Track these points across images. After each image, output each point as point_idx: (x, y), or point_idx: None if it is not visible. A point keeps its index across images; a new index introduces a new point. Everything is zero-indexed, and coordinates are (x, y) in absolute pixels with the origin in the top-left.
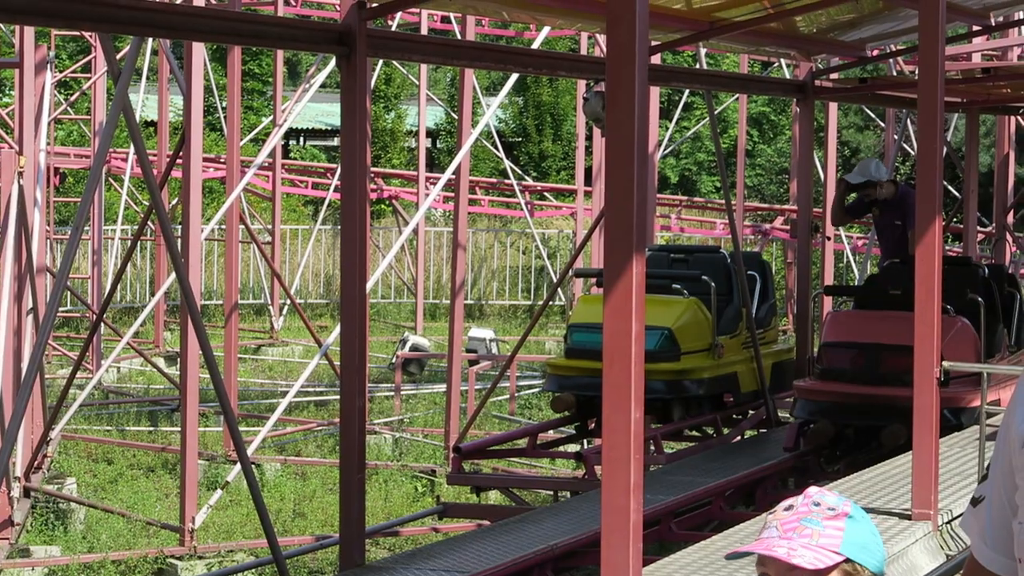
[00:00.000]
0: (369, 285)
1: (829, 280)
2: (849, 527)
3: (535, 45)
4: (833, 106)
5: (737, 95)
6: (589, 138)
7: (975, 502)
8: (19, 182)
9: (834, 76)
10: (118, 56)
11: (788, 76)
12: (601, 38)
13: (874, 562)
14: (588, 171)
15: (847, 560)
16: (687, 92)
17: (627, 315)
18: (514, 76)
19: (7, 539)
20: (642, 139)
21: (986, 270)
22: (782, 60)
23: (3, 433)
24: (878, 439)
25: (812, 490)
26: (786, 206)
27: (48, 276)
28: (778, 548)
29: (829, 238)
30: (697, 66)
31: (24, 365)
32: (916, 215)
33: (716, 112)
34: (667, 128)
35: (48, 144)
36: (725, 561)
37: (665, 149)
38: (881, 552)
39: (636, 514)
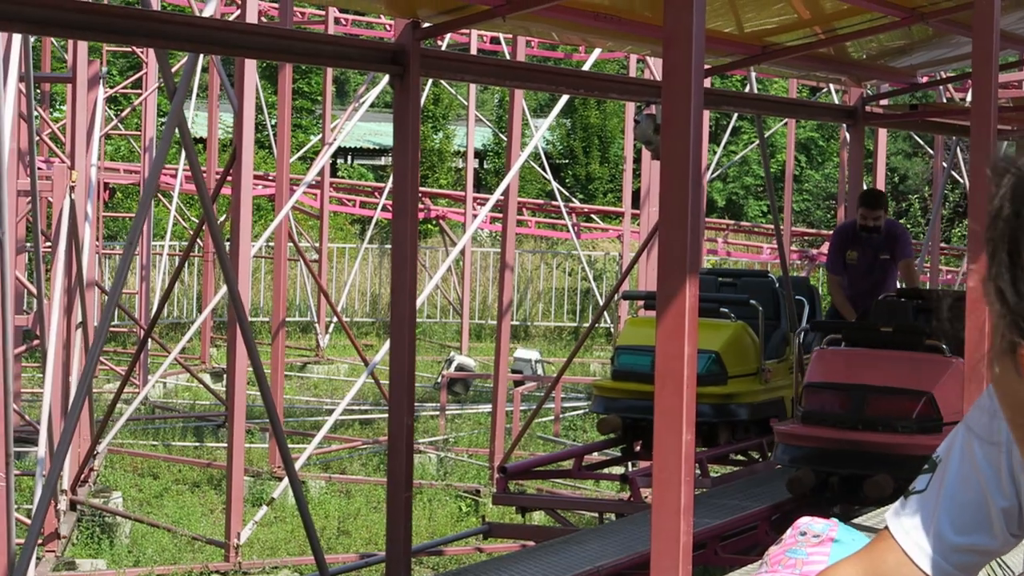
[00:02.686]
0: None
1: None
2: (835, 551)
3: (586, 67)
4: (883, 132)
5: (786, 120)
6: (637, 161)
7: (910, 493)
8: (71, 196)
9: (884, 102)
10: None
11: (837, 101)
12: (651, 61)
13: None
14: (635, 194)
15: None
16: (735, 116)
17: (679, 337)
18: (564, 97)
19: (54, 552)
20: (696, 162)
21: None
22: (831, 85)
23: (51, 447)
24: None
25: (801, 520)
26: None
27: (97, 290)
28: None
29: None
30: (747, 90)
31: (72, 379)
32: (969, 244)
33: (764, 137)
34: (715, 152)
35: (99, 159)
36: None
37: (713, 173)
38: None
39: (686, 536)
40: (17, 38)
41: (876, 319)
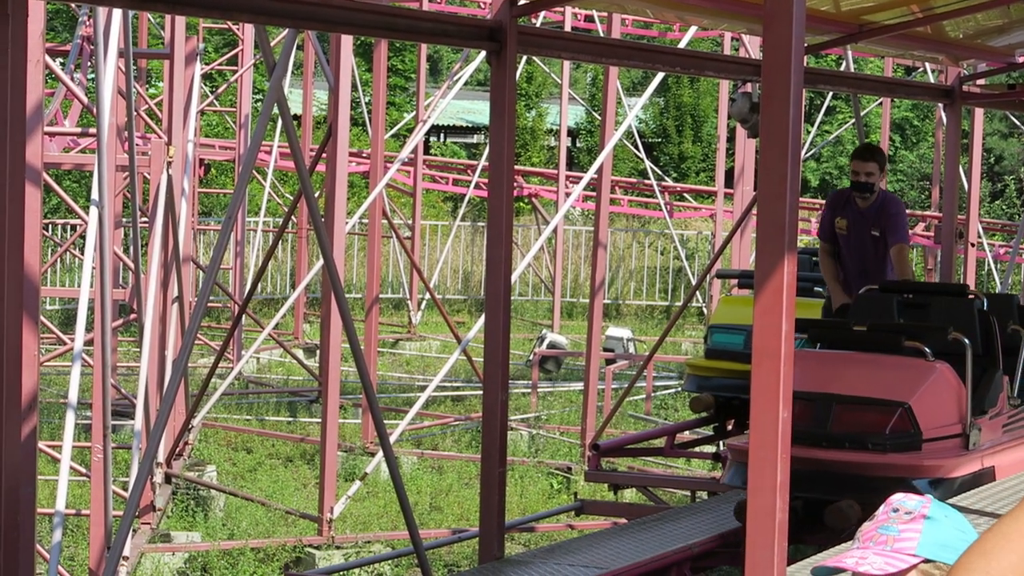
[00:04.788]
0: None
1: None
2: (927, 528)
3: (681, 46)
4: (979, 112)
5: (880, 100)
6: (731, 140)
7: None
8: (167, 172)
9: (981, 82)
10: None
11: (933, 81)
12: (746, 39)
13: None
14: (728, 173)
15: (926, 561)
16: (829, 96)
17: (777, 314)
18: (659, 76)
19: (149, 524)
20: (795, 138)
21: (985, 302)
22: (927, 65)
23: (147, 421)
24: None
25: (895, 496)
26: (928, 212)
27: (191, 265)
28: (848, 559)
29: (973, 245)
30: (843, 69)
31: (168, 353)
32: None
33: (860, 116)
34: (809, 131)
35: (195, 135)
36: None
37: (807, 152)
38: None
39: (781, 514)
40: (117, 14)
41: (854, 315)
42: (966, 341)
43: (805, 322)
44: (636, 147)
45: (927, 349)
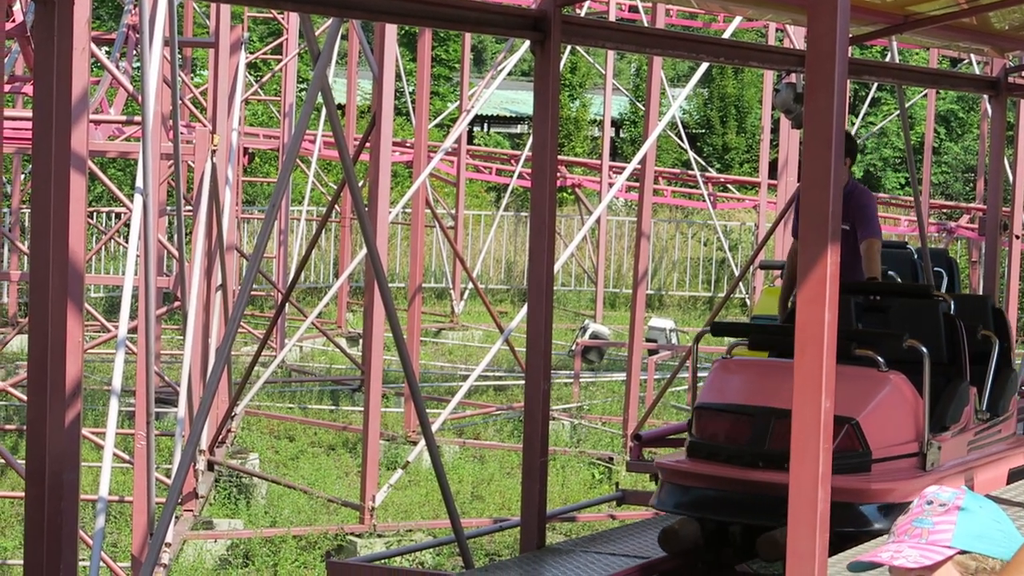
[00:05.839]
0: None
1: (1016, 282)
2: (961, 519)
3: (726, 36)
4: None
5: (926, 92)
6: (774, 131)
7: None
8: (212, 160)
9: None
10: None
11: (978, 73)
12: (791, 29)
13: (998, 550)
14: (772, 164)
15: (962, 552)
16: (874, 88)
17: (820, 304)
18: (703, 67)
19: (191, 511)
20: (839, 128)
21: (952, 305)
22: (972, 56)
23: (191, 408)
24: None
25: (929, 489)
26: (972, 204)
27: (235, 254)
28: (883, 553)
29: (1018, 237)
30: (888, 60)
31: (212, 341)
32: None
33: (905, 107)
34: (853, 123)
35: (239, 124)
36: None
37: None
38: (1008, 539)
39: (824, 504)
40: (162, 3)
41: None
42: (923, 349)
43: (744, 327)
44: (680, 138)
45: (880, 358)
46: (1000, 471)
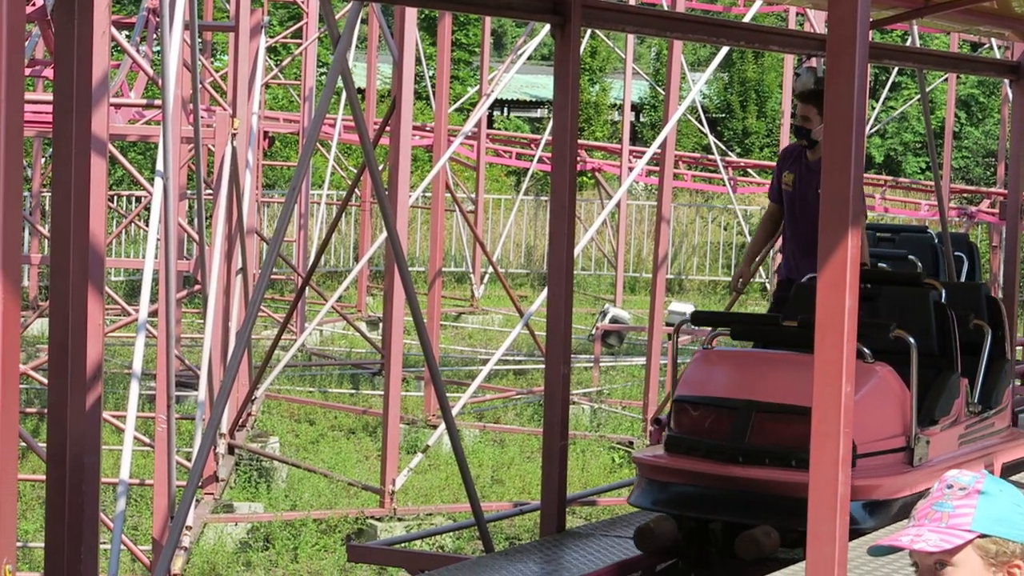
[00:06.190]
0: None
1: None
2: (982, 503)
3: (746, 20)
4: None
5: (946, 76)
6: (795, 115)
7: None
8: (232, 144)
9: None
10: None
11: (998, 57)
12: (811, 13)
13: (1019, 533)
14: None
15: (982, 536)
16: (894, 72)
17: (841, 289)
18: (723, 51)
19: (212, 494)
20: (860, 113)
21: (943, 293)
22: (993, 41)
23: (211, 392)
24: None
25: (949, 473)
26: (993, 189)
27: (255, 237)
28: (903, 537)
29: None
30: (908, 44)
31: (232, 324)
32: None
33: (926, 92)
34: (874, 108)
35: (259, 108)
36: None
37: (871, 128)
38: None
39: (844, 487)
40: None
41: (791, 307)
42: (910, 340)
43: (726, 316)
44: (700, 122)
45: (865, 349)
46: (993, 466)
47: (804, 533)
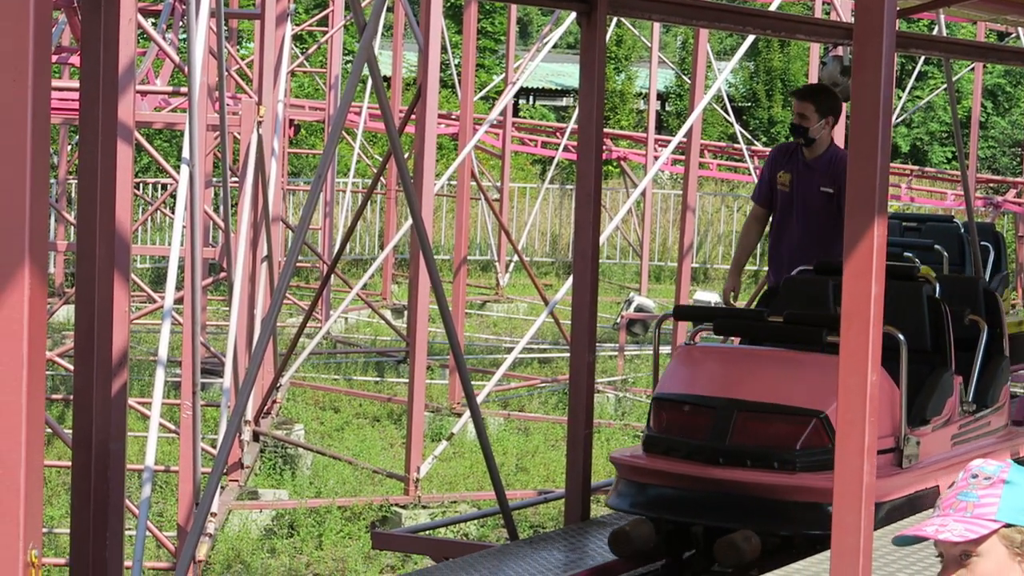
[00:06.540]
0: None
1: None
2: (1007, 493)
3: (772, 8)
4: None
5: (972, 65)
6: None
7: None
8: (258, 132)
9: None
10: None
11: None
12: (838, 2)
13: None
14: None
15: (1008, 525)
16: (920, 62)
17: (867, 277)
18: (748, 40)
19: (237, 481)
20: (887, 101)
21: (937, 287)
22: (1019, 30)
23: (236, 379)
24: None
25: (974, 463)
26: (1019, 178)
27: (281, 225)
28: (928, 527)
29: None
30: (935, 33)
31: (257, 311)
32: None
33: (952, 81)
34: (900, 97)
35: (284, 96)
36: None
37: (897, 118)
38: None
39: (869, 476)
40: None
41: (780, 302)
42: (899, 336)
43: (709, 311)
44: (725, 111)
45: None
46: None
47: (787, 538)
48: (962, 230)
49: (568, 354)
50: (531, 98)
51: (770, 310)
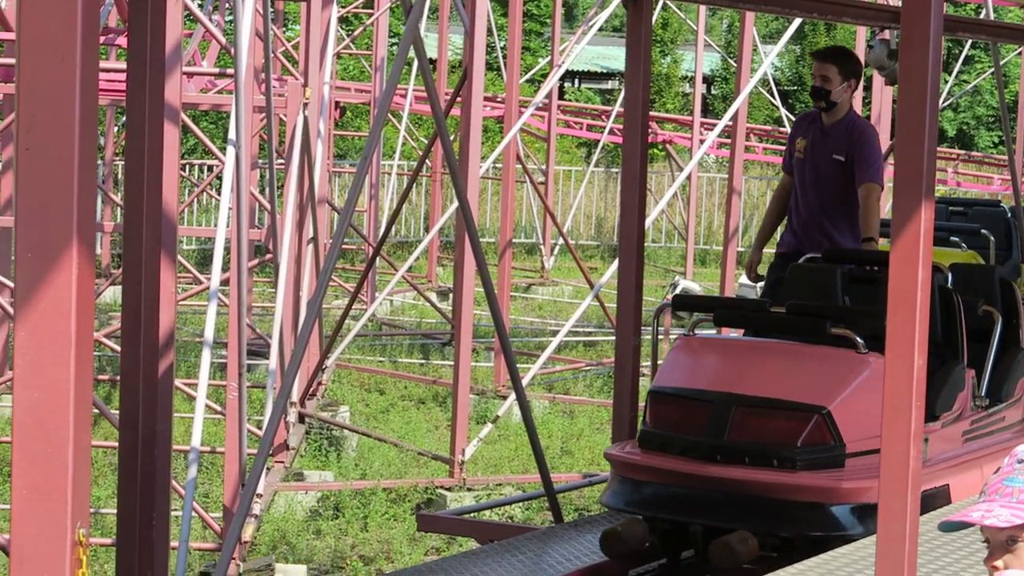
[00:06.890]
0: None
1: None
2: None
3: None
4: None
5: (1020, 50)
6: (867, 88)
7: None
8: (304, 114)
9: None
10: None
11: None
12: None
13: None
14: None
15: None
16: (967, 46)
17: (914, 262)
18: (795, 23)
19: (283, 463)
20: (934, 84)
21: (949, 277)
22: None
23: (282, 361)
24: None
25: (1020, 447)
26: None
27: (326, 207)
28: (974, 512)
29: None
30: (982, 17)
31: (303, 293)
32: None
33: (1000, 65)
34: (946, 81)
35: (330, 78)
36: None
37: (944, 102)
38: None
39: (915, 462)
40: None
41: (786, 291)
42: None
43: (709, 301)
44: (771, 94)
45: (859, 338)
46: None
47: (786, 538)
48: (1009, 215)
49: (613, 337)
50: (576, 81)
51: (775, 299)
